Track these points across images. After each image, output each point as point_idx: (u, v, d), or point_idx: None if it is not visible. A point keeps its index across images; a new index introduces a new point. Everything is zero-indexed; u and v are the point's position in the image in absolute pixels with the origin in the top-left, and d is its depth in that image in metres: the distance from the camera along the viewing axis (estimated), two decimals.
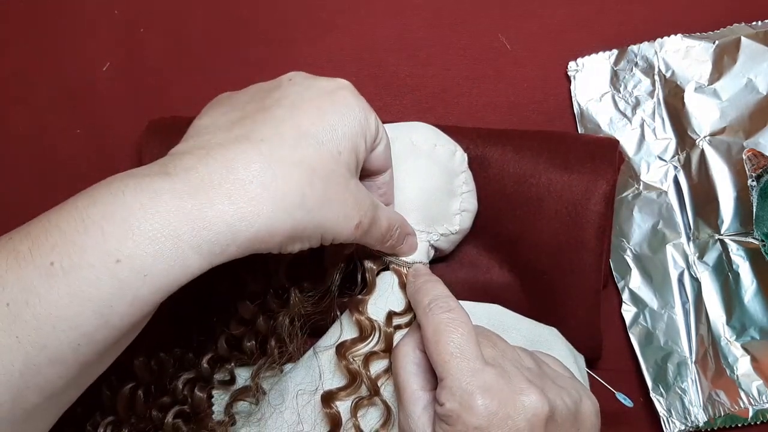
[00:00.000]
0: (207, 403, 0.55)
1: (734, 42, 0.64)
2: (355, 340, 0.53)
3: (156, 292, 0.39)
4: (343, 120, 0.46)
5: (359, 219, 0.47)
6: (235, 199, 0.41)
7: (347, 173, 0.46)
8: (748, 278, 0.62)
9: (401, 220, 0.53)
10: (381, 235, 0.50)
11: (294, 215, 0.43)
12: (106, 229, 0.39)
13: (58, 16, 0.67)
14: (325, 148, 0.45)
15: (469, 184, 0.58)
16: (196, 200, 0.40)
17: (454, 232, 0.57)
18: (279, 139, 0.43)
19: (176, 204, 0.40)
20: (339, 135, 0.45)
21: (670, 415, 0.61)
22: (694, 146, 0.64)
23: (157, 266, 0.39)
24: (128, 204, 0.40)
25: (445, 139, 0.58)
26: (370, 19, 0.67)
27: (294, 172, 0.43)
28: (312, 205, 0.44)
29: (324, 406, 0.51)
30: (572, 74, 0.66)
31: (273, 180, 0.42)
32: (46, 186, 0.65)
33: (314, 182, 0.44)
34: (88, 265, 0.38)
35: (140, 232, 0.39)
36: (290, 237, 0.44)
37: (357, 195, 0.47)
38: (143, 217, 0.39)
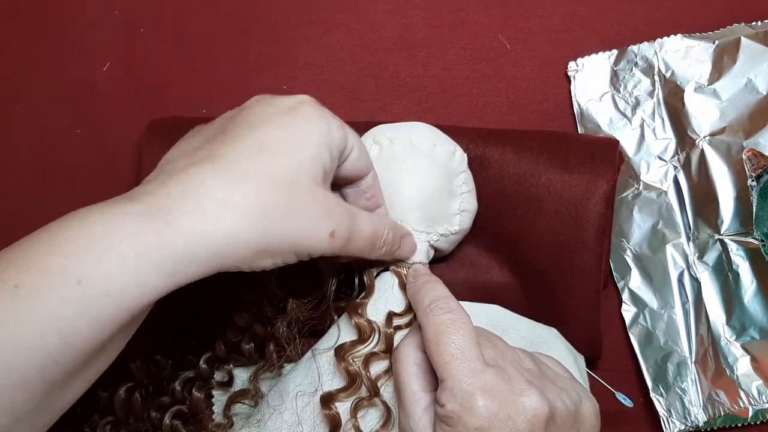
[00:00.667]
0: (206, 403, 0.55)
1: (734, 42, 0.64)
2: (355, 342, 0.53)
3: (119, 312, 0.39)
4: (302, 132, 0.46)
5: (332, 228, 0.46)
6: (193, 217, 0.41)
7: (312, 183, 0.46)
8: (747, 278, 0.62)
9: (390, 225, 0.53)
10: (368, 243, 0.50)
11: (256, 227, 0.43)
12: (69, 251, 0.39)
13: (58, 16, 0.67)
14: (284, 159, 0.45)
15: (468, 184, 0.58)
16: (156, 221, 0.40)
17: (454, 233, 0.57)
18: (236, 154, 0.44)
19: (137, 226, 0.40)
20: (298, 145, 0.45)
21: (670, 415, 0.61)
22: (694, 146, 0.64)
23: (119, 287, 0.39)
24: (91, 227, 0.40)
25: (445, 139, 0.58)
26: (370, 19, 0.67)
27: (252, 184, 0.43)
28: (275, 215, 0.43)
29: (323, 408, 0.51)
30: (572, 74, 0.66)
31: (231, 194, 0.42)
32: (46, 186, 0.65)
33: (275, 192, 0.44)
34: (50, 286, 0.38)
35: (102, 254, 0.39)
36: (256, 251, 0.43)
37: (326, 204, 0.46)
38: (105, 239, 0.39)
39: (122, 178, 0.65)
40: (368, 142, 0.57)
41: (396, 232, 0.53)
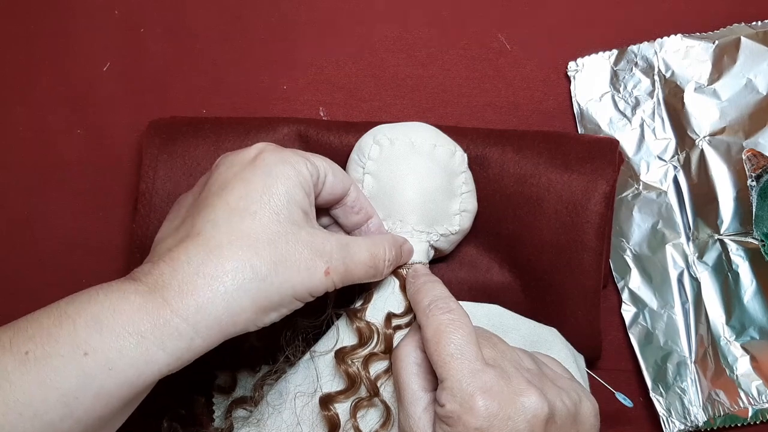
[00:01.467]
0: (206, 407, 0.55)
1: (734, 42, 0.64)
2: (355, 346, 0.53)
3: (121, 386, 0.41)
4: (269, 182, 0.47)
5: (325, 265, 0.47)
6: (185, 294, 0.43)
7: (293, 228, 0.46)
8: (747, 278, 0.62)
9: (387, 240, 0.53)
10: (369, 268, 0.50)
11: (250, 290, 0.44)
12: (78, 323, 0.41)
13: (58, 16, 0.67)
14: (259, 216, 0.46)
15: (469, 185, 0.58)
16: (154, 301, 0.42)
17: (454, 233, 0.57)
18: (212, 225, 0.45)
19: (139, 304, 0.42)
20: (269, 197, 0.46)
21: (669, 415, 0.61)
22: (694, 146, 0.64)
23: (122, 361, 0.41)
24: (99, 302, 0.42)
25: (445, 139, 0.58)
26: (370, 19, 0.67)
27: (235, 250, 0.44)
28: (265, 273, 0.44)
29: (322, 409, 0.51)
30: (572, 74, 0.66)
31: (217, 265, 0.43)
32: (46, 186, 0.65)
33: (259, 251, 0.45)
34: (58, 355, 0.40)
35: (107, 328, 0.41)
36: (257, 311, 0.45)
37: (313, 244, 0.47)
38: (111, 314, 0.41)
39: (122, 178, 0.65)
40: (368, 142, 0.57)
41: (396, 245, 0.53)
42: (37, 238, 0.64)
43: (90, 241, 0.65)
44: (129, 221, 0.64)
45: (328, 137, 0.60)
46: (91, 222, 0.65)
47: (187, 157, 0.59)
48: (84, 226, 0.65)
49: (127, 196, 0.65)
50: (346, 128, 0.61)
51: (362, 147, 0.57)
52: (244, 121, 0.61)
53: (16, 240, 0.64)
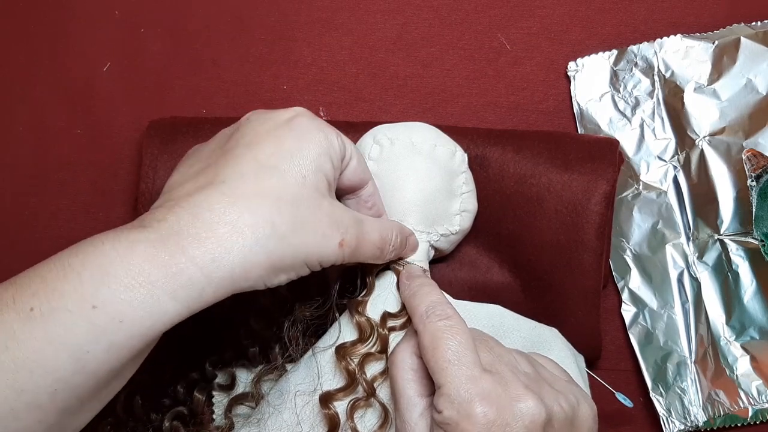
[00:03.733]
0: (207, 405, 0.55)
1: (734, 42, 0.64)
2: (356, 341, 0.53)
3: (132, 337, 0.40)
4: (301, 144, 0.47)
5: (341, 237, 0.47)
6: (203, 242, 0.42)
7: (317, 194, 0.46)
8: (747, 278, 0.62)
9: (396, 227, 0.53)
10: (377, 249, 0.50)
11: (267, 246, 0.43)
12: (84, 276, 0.40)
13: (58, 16, 0.67)
14: (287, 175, 0.45)
15: (469, 185, 0.58)
16: (168, 248, 0.41)
17: (454, 233, 0.57)
18: (239, 176, 0.45)
19: (150, 252, 0.41)
20: (299, 159, 0.46)
21: (669, 415, 0.61)
22: (694, 146, 0.64)
23: (133, 312, 0.40)
24: (106, 253, 0.41)
25: (445, 139, 0.58)
26: (370, 19, 0.67)
27: (259, 204, 0.44)
28: (284, 232, 0.44)
29: (322, 407, 0.51)
30: (572, 74, 0.66)
31: (239, 216, 0.43)
32: (46, 186, 0.65)
33: (282, 209, 0.44)
34: (65, 310, 0.39)
35: (116, 280, 0.40)
36: (270, 269, 0.44)
37: (333, 214, 0.47)
38: (120, 265, 0.40)
39: (122, 178, 0.65)
40: (368, 142, 0.57)
41: (403, 234, 0.53)
42: (37, 238, 0.64)
43: None
44: (129, 221, 0.63)
45: None
46: (91, 222, 0.65)
47: None
48: (84, 226, 0.65)
49: (127, 195, 0.65)
50: (345, 128, 0.60)
51: (362, 147, 0.57)
52: None
53: (16, 240, 0.64)
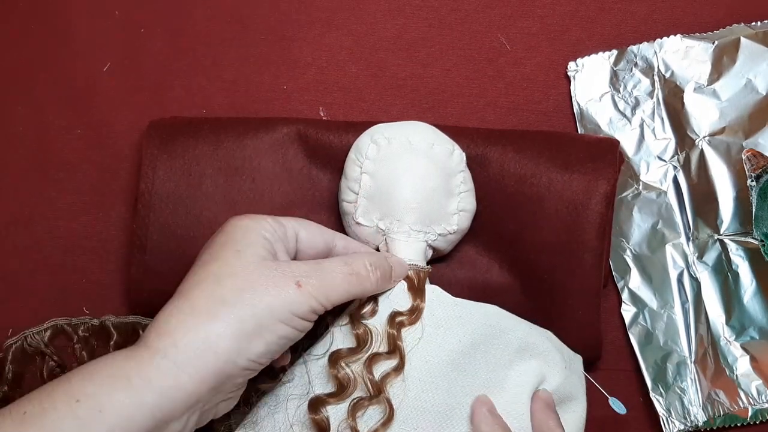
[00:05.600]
0: None
1: (733, 42, 0.64)
2: (352, 350, 0.53)
3: (113, 429, 0.42)
4: (229, 233, 0.50)
5: (295, 279, 0.48)
6: (162, 335, 0.45)
7: (257, 260, 0.48)
8: (747, 278, 0.62)
9: (364, 249, 0.55)
10: (350, 277, 0.50)
11: (219, 315, 0.45)
12: (72, 379, 0.43)
13: (59, 16, 0.67)
14: (222, 258, 0.48)
15: (467, 184, 0.58)
16: (138, 348, 0.45)
17: (452, 232, 0.57)
18: (184, 282, 0.48)
19: (126, 354, 0.45)
20: (231, 242, 0.49)
21: (669, 415, 0.61)
22: (694, 146, 0.64)
23: (112, 403, 0.42)
24: (93, 362, 0.45)
25: (443, 138, 0.58)
26: (370, 19, 0.67)
27: (201, 289, 0.47)
28: (231, 299, 0.46)
29: (310, 412, 0.51)
30: (572, 74, 0.66)
31: (185, 304, 0.46)
32: (46, 186, 0.65)
33: (222, 282, 0.47)
34: (53, 409, 0.41)
35: (98, 375, 0.43)
36: (237, 337, 0.45)
37: (280, 267, 0.48)
38: (102, 366, 0.44)
39: (122, 178, 0.65)
40: (366, 142, 0.57)
41: (375, 254, 0.54)
42: (37, 238, 0.64)
43: (90, 241, 0.65)
44: (129, 221, 0.64)
45: (327, 137, 0.60)
46: (91, 222, 0.65)
47: (187, 157, 0.59)
48: (84, 226, 0.65)
49: (127, 195, 0.65)
50: (345, 128, 0.61)
51: (360, 146, 0.58)
52: (243, 121, 0.61)
53: (16, 240, 0.64)
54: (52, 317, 0.61)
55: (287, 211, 0.60)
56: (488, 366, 0.54)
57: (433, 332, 0.53)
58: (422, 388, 0.52)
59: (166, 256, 0.59)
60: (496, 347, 0.54)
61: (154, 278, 0.59)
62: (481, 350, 0.54)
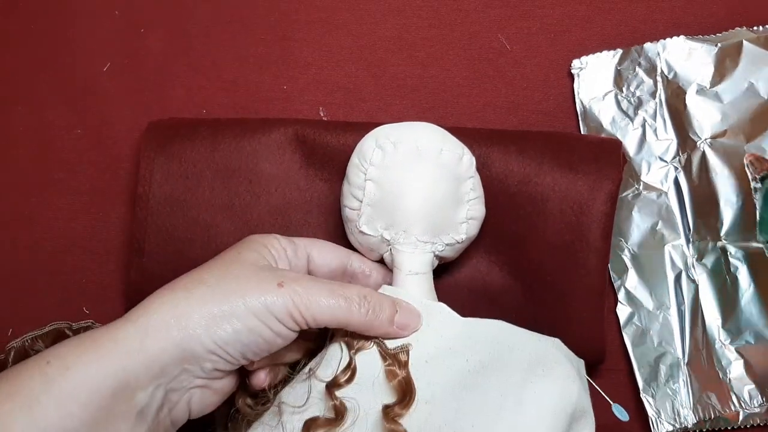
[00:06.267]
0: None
1: (736, 45, 0.64)
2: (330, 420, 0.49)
3: (78, 386, 0.43)
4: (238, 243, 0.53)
5: (279, 280, 0.48)
6: (139, 307, 0.47)
7: (252, 262, 0.50)
8: (745, 282, 0.62)
9: (359, 289, 0.51)
10: (336, 296, 0.49)
11: (195, 293, 0.47)
12: (50, 349, 0.45)
13: (59, 16, 0.67)
14: (218, 260, 0.50)
15: (476, 190, 0.56)
16: (115, 321, 0.47)
17: (460, 242, 0.56)
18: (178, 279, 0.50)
19: (100, 326, 0.47)
20: (234, 248, 0.52)
21: (659, 416, 0.62)
22: (695, 148, 0.64)
23: (79, 361, 0.44)
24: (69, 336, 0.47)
25: (452, 141, 0.56)
26: (370, 19, 0.67)
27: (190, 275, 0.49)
28: (211, 281, 0.48)
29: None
30: (576, 72, 0.66)
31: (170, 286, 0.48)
32: (46, 186, 0.66)
33: (212, 269, 0.49)
34: (25, 369, 0.44)
35: (69, 341, 0.45)
36: (207, 316, 0.46)
37: (272, 270, 0.50)
38: (75, 337, 0.46)
39: (122, 179, 0.66)
40: (370, 145, 0.55)
41: (376, 295, 0.51)
42: (37, 238, 0.65)
43: (90, 241, 0.65)
44: (129, 221, 0.64)
45: (325, 137, 0.60)
46: (91, 222, 0.65)
47: (184, 159, 0.59)
48: (84, 226, 0.65)
49: (127, 195, 0.65)
50: (344, 128, 0.60)
51: (364, 151, 0.55)
52: (241, 122, 0.61)
53: (16, 240, 0.65)
54: (51, 317, 0.62)
55: (284, 214, 0.60)
56: (500, 385, 0.50)
57: (440, 353, 0.51)
58: (429, 411, 0.49)
59: (164, 259, 0.59)
60: (506, 365, 0.51)
61: (152, 281, 0.57)
62: (491, 370, 0.51)
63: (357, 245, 0.57)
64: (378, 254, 0.56)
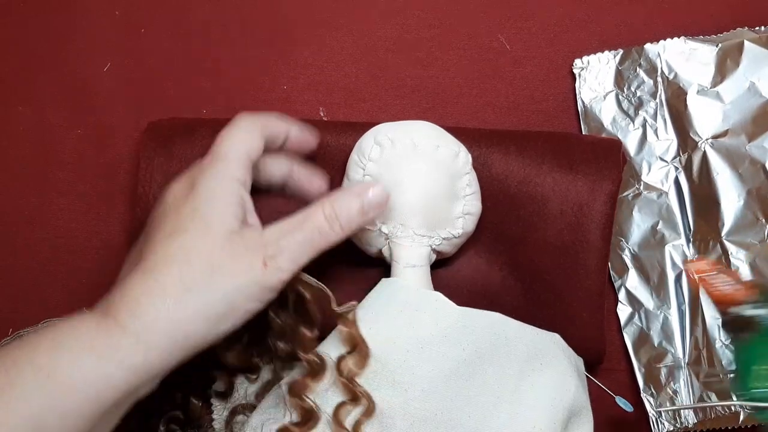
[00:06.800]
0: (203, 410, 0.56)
1: (737, 45, 0.64)
2: (305, 377, 0.51)
3: (82, 404, 0.42)
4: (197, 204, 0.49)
5: (261, 257, 0.48)
6: (134, 316, 0.45)
7: (226, 233, 0.48)
8: None
9: (330, 199, 0.51)
10: (313, 233, 0.50)
11: (189, 302, 0.46)
12: (39, 348, 0.43)
13: (59, 16, 0.67)
14: (191, 231, 0.48)
15: (473, 186, 0.57)
16: (107, 322, 0.45)
17: (457, 236, 0.56)
18: (151, 251, 0.48)
19: (94, 326, 0.45)
20: (201, 214, 0.49)
21: (659, 416, 0.62)
22: (696, 148, 0.64)
23: (81, 379, 0.43)
24: (59, 327, 0.45)
25: (448, 138, 0.57)
26: (370, 19, 0.67)
27: (169, 268, 0.46)
28: (200, 283, 0.46)
29: None
30: (577, 71, 0.66)
31: (154, 285, 0.46)
32: (46, 186, 0.66)
33: (192, 262, 0.47)
34: (21, 382, 0.42)
35: (66, 348, 0.43)
36: (206, 320, 0.46)
37: (248, 242, 0.48)
38: (69, 337, 0.44)
39: (122, 179, 0.66)
40: (369, 143, 0.56)
41: (336, 203, 0.52)
42: (37, 238, 0.65)
43: (90, 241, 0.65)
44: (129, 221, 0.65)
45: (324, 138, 0.60)
46: (91, 222, 0.65)
47: (184, 159, 0.59)
48: (84, 226, 0.65)
49: (127, 195, 0.65)
50: (343, 128, 0.60)
51: (363, 148, 0.57)
52: None
53: (16, 240, 0.65)
54: (51, 317, 0.62)
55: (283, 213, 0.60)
56: (496, 376, 0.52)
57: (436, 342, 0.52)
58: (425, 398, 0.51)
59: None
60: (503, 356, 0.52)
61: None
62: (487, 360, 0.52)
63: (355, 240, 0.58)
64: (376, 248, 0.57)
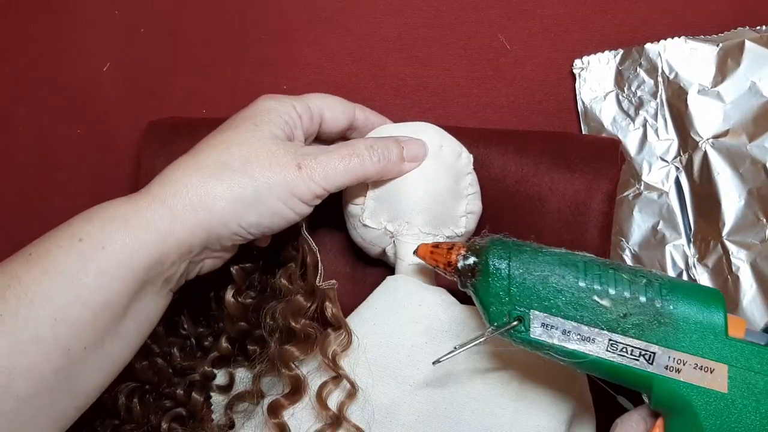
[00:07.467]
0: (205, 405, 0.56)
1: (738, 45, 0.64)
2: (287, 395, 0.52)
3: (117, 265, 0.45)
4: (252, 108, 0.53)
5: (297, 161, 0.50)
6: (165, 184, 0.48)
7: (270, 136, 0.50)
8: (747, 282, 0.62)
9: (369, 139, 0.55)
10: (350, 156, 0.52)
11: (222, 178, 0.48)
12: (73, 223, 0.47)
13: (59, 17, 0.67)
14: (238, 128, 0.51)
15: (474, 186, 0.57)
16: (141, 194, 0.48)
17: (460, 234, 0.57)
18: (198, 145, 0.51)
19: (126, 199, 0.48)
20: (250, 115, 0.52)
21: None
22: (697, 148, 0.64)
23: (113, 240, 0.45)
24: (93, 208, 0.48)
25: (451, 140, 0.57)
26: (370, 19, 0.67)
27: (210, 151, 0.49)
28: (236, 165, 0.48)
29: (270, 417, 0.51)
30: (577, 72, 0.66)
31: (193, 163, 0.49)
32: (46, 185, 0.66)
33: (231, 149, 0.49)
34: (56, 247, 0.45)
35: (98, 218, 0.46)
36: (234, 201, 0.48)
37: (287, 147, 0.50)
38: (101, 210, 0.47)
39: (122, 178, 0.66)
40: None
41: (382, 141, 0.54)
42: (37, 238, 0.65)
43: None
44: None
45: None
46: None
47: None
48: None
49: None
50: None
51: None
52: None
53: (16, 240, 0.64)
54: None
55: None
56: (500, 373, 0.52)
57: (438, 336, 0.52)
58: (429, 393, 0.51)
59: None
60: (506, 354, 0.53)
61: None
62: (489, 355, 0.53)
63: (359, 240, 0.58)
64: (380, 248, 0.57)
